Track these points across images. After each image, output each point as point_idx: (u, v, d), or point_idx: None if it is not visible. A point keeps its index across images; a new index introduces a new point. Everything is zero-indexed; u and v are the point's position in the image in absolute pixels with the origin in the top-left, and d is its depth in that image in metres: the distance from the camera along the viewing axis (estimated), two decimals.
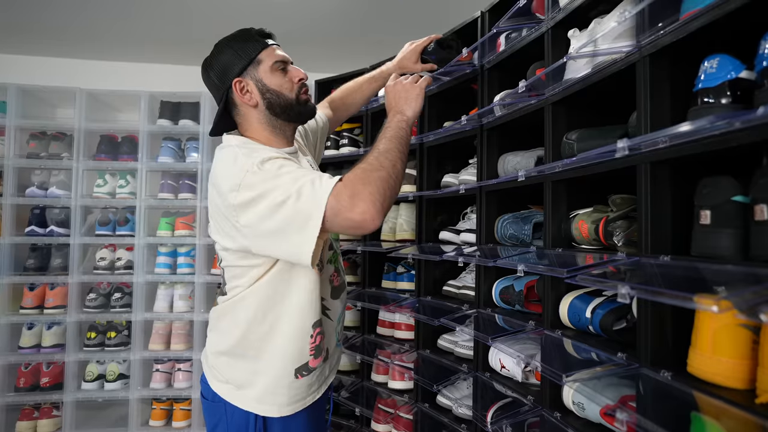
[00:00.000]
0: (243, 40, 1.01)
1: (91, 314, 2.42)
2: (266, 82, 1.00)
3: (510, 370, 1.26)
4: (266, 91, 1.01)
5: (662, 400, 0.78)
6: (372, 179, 0.83)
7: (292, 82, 1.03)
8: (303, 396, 1.03)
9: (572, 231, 1.09)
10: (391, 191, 0.85)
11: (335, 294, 1.09)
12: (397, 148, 0.91)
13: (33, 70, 2.78)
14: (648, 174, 0.83)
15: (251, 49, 1.00)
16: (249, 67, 1.00)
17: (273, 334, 0.98)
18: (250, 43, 1.01)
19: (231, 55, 1.00)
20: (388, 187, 0.84)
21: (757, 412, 0.63)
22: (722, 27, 0.71)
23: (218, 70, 1.01)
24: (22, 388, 2.33)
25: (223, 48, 1.02)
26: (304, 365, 1.00)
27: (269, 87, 1.00)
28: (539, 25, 1.16)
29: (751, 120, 0.59)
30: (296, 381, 1.01)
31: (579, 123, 1.09)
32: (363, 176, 0.84)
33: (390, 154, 0.89)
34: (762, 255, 0.66)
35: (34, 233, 2.41)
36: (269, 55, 1.01)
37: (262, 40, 1.02)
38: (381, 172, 0.85)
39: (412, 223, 1.78)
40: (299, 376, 1.01)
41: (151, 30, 2.56)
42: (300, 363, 1.00)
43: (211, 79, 1.03)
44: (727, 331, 0.71)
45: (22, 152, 2.45)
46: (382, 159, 0.87)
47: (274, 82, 1.00)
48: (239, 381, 1.00)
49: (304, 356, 1.00)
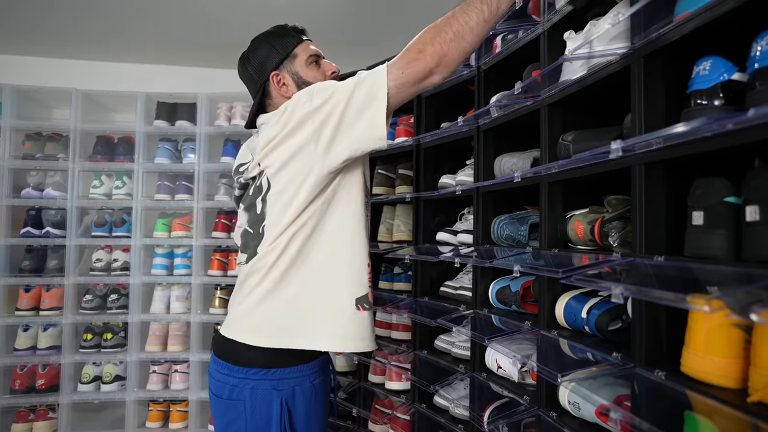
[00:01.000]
0: (279, 35, 1.09)
1: (88, 316, 2.41)
2: (302, 74, 1.07)
3: (506, 370, 1.27)
4: (302, 83, 1.07)
5: (656, 399, 0.78)
6: (434, 27, 0.90)
7: (325, 75, 1.09)
8: (363, 335, 1.02)
9: (568, 232, 1.09)
10: (455, 36, 0.89)
11: None
12: (480, 1, 0.91)
13: (28, 70, 2.77)
14: (642, 175, 0.83)
15: (287, 43, 1.08)
16: (285, 61, 1.07)
17: (332, 261, 1.00)
18: (287, 38, 1.08)
19: (268, 50, 1.08)
20: (452, 32, 0.89)
21: (749, 411, 0.63)
22: (715, 29, 0.72)
23: (256, 64, 1.08)
24: (17, 390, 2.32)
25: (260, 43, 1.09)
26: (364, 296, 1.01)
27: (305, 79, 1.07)
28: (535, 27, 1.16)
29: (743, 121, 0.60)
30: (358, 314, 1.00)
31: (575, 124, 1.09)
32: (425, 30, 0.91)
33: (469, 5, 0.91)
34: (753, 256, 0.67)
35: (30, 234, 2.40)
36: (304, 50, 1.08)
37: (297, 35, 1.09)
38: (450, 19, 0.90)
39: (409, 224, 1.78)
40: (360, 308, 1.01)
41: (147, 31, 2.55)
42: (360, 293, 1.01)
43: (248, 72, 1.10)
44: (719, 331, 0.71)
45: (18, 153, 2.44)
46: (458, 10, 0.91)
47: (309, 75, 1.07)
48: (295, 325, 0.98)
49: (364, 286, 1.01)
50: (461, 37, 0.91)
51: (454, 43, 0.90)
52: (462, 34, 0.91)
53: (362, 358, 1.89)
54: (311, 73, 1.07)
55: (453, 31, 0.90)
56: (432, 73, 0.92)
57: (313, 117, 0.93)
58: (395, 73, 0.91)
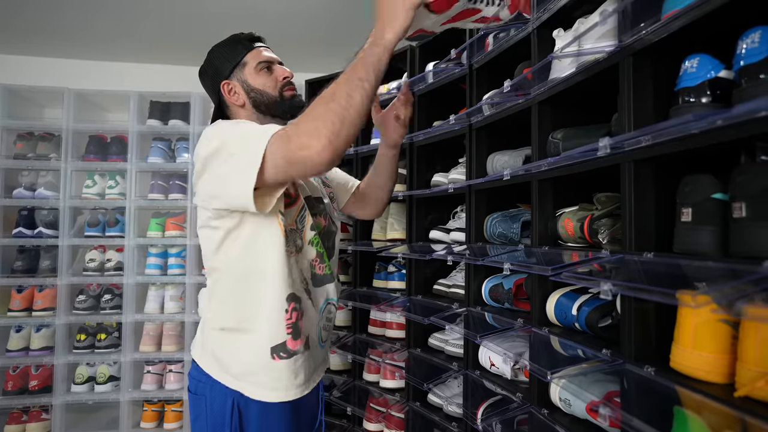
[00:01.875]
0: (230, 44, 1.09)
1: (81, 316, 2.40)
2: (250, 82, 1.07)
3: (499, 367, 1.27)
4: (251, 91, 1.07)
5: (646, 395, 0.79)
6: (318, 114, 0.79)
7: (276, 81, 1.08)
8: (285, 384, 0.98)
9: (558, 229, 1.10)
10: (342, 124, 0.78)
11: (317, 282, 1.05)
12: (359, 77, 0.80)
13: (20, 69, 2.75)
14: (631, 172, 0.84)
15: (237, 52, 1.07)
16: (235, 69, 1.07)
17: (248, 305, 0.97)
18: (237, 47, 1.08)
19: (219, 60, 1.08)
20: (338, 119, 0.78)
21: (736, 406, 0.64)
22: (702, 27, 0.73)
23: (210, 74, 1.09)
24: (10, 392, 2.31)
25: (213, 53, 1.10)
26: (281, 345, 0.96)
27: (253, 86, 1.07)
28: (525, 25, 1.17)
29: (730, 118, 0.61)
30: (274, 363, 0.96)
31: (565, 122, 1.10)
32: (309, 112, 0.80)
33: (348, 84, 0.80)
34: (740, 251, 0.67)
35: (22, 235, 2.38)
36: (254, 57, 1.07)
37: (248, 43, 1.08)
38: (332, 104, 0.78)
39: (402, 223, 1.79)
40: (276, 356, 0.96)
41: (140, 30, 2.54)
42: (276, 341, 0.96)
43: (207, 83, 1.11)
44: (707, 327, 0.72)
45: (9, 153, 2.43)
46: (338, 89, 0.80)
47: (258, 82, 1.07)
48: (224, 359, 0.99)
49: (281, 333, 0.96)
50: (350, 125, 0.80)
51: (342, 135, 0.80)
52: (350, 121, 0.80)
53: (357, 357, 1.89)
54: (260, 80, 1.06)
55: (339, 120, 0.79)
56: (313, 169, 0.83)
57: (204, 162, 0.91)
58: (275, 155, 0.81)
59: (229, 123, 0.99)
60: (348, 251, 2.01)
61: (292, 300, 0.97)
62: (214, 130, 0.93)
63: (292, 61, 3.27)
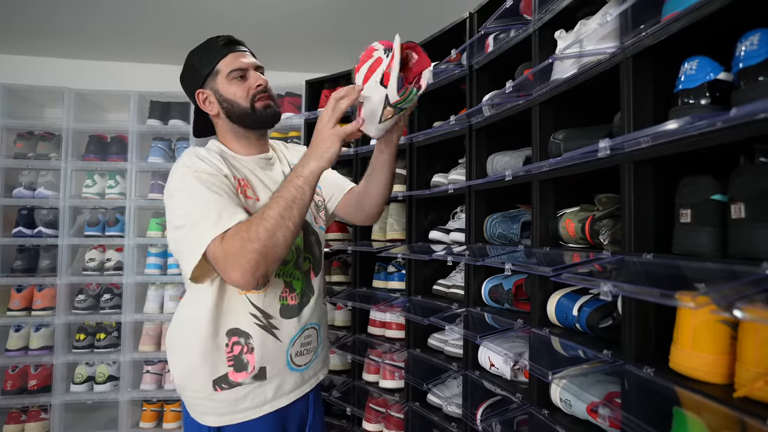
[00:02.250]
0: (204, 50, 1.03)
1: (80, 316, 2.40)
2: (222, 91, 1.02)
3: (499, 368, 1.27)
4: (223, 101, 1.02)
5: (646, 395, 0.79)
6: (246, 251, 0.82)
7: (248, 90, 1.02)
8: (226, 410, 0.98)
9: (559, 230, 1.10)
10: (265, 259, 0.83)
11: (287, 313, 1.02)
12: (281, 215, 0.84)
13: (20, 69, 2.75)
14: (631, 173, 0.84)
15: (211, 59, 1.02)
16: (209, 78, 1.02)
17: (192, 336, 0.98)
18: (210, 54, 1.02)
19: (193, 68, 1.03)
20: (260, 256, 0.82)
21: (735, 406, 0.64)
22: (701, 29, 0.73)
23: (187, 82, 1.05)
24: (9, 391, 2.30)
25: (188, 59, 1.05)
26: (222, 377, 0.97)
27: (225, 96, 1.02)
28: (527, 26, 1.17)
29: (729, 120, 0.61)
30: (216, 393, 0.97)
31: (566, 123, 1.10)
32: (240, 246, 0.83)
33: (272, 221, 0.84)
34: (739, 252, 0.68)
35: (22, 234, 2.38)
36: (227, 65, 1.01)
37: (222, 49, 1.02)
38: (256, 244, 0.82)
39: (402, 223, 1.79)
40: (218, 388, 0.97)
41: (140, 30, 2.54)
42: (217, 374, 0.97)
43: (186, 89, 1.07)
44: (706, 328, 0.72)
45: (9, 152, 2.42)
46: (261, 230, 0.83)
47: (229, 92, 1.01)
48: (180, 380, 1.01)
49: (222, 366, 0.97)
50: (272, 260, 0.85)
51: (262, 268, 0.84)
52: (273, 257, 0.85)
53: (356, 357, 1.89)
54: (232, 89, 1.01)
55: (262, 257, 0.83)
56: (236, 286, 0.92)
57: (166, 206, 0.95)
58: (211, 254, 0.85)
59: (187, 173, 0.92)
60: (348, 251, 2.01)
61: (233, 335, 0.98)
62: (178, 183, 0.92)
63: (293, 61, 3.26)
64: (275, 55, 2.85)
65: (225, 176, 0.95)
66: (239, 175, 1.01)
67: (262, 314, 1.00)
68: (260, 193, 1.02)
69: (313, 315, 1.09)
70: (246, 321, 0.99)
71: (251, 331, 0.99)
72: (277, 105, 1.06)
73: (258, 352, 0.99)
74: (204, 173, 0.92)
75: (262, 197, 1.01)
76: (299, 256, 1.06)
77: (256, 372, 0.99)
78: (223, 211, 0.87)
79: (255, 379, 0.99)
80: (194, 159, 0.95)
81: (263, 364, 1.00)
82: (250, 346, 0.99)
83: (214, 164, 0.96)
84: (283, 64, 2.96)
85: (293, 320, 1.04)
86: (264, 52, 1.15)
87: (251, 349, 0.99)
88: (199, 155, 0.97)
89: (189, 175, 0.92)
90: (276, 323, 1.01)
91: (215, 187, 0.90)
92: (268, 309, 1.00)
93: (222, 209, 0.87)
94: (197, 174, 0.92)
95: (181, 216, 0.90)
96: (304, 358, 1.07)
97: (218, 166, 0.96)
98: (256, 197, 1.01)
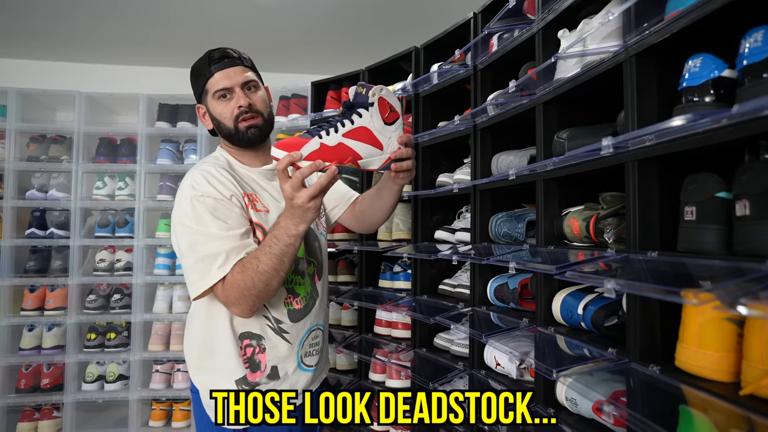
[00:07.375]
0: (198, 68, 1.06)
1: (91, 315, 2.43)
2: (212, 110, 1.06)
3: (505, 367, 1.27)
4: (213, 119, 1.07)
5: (651, 394, 0.79)
6: (245, 297, 0.92)
7: (232, 111, 1.03)
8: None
9: (564, 229, 1.10)
10: (260, 301, 0.95)
11: (294, 316, 1.06)
12: (275, 269, 0.91)
13: (33, 74, 2.81)
14: (635, 171, 0.84)
15: (202, 78, 1.05)
16: (203, 95, 1.07)
17: (212, 341, 1.03)
18: (202, 72, 1.04)
19: (193, 83, 1.08)
20: (258, 300, 0.94)
21: (741, 404, 0.64)
22: (705, 27, 0.73)
23: (193, 93, 1.10)
24: (22, 390, 2.35)
25: (190, 73, 1.08)
26: (242, 378, 1.02)
27: (215, 116, 1.06)
28: (530, 25, 1.17)
29: (733, 117, 0.61)
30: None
31: (570, 122, 1.10)
32: (239, 294, 0.92)
33: (268, 275, 0.91)
34: (744, 249, 0.67)
35: (35, 235, 2.42)
36: (213, 85, 1.03)
37: (210, 68, 1.03)
38: (253, 291, 0.92)
39: (408, 223, 1.79)
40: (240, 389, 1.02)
41: (149, 33, 2.58)
42: (238, 375, 1.01)
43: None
44: (712, 325, 0.72)
45: (23, 155, 2.47)
46: (258, 282, 0.91)
47: (217, 111, 1.05)
48: (201, 386, 1.04)
49: (240, 368, 1.01)
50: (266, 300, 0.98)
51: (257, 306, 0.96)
52: (267, 298, 0.97)
53: (362, 357, 1.90)
54: (218, 108, 1.04)
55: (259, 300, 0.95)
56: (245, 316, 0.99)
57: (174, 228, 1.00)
58: (218, 292, 0.95)
59: (194, 195, 0.96)
60: (354, 251, 2.02)
61: (245, 338, 1.02)
62: (186, 205, 0.96)
63: (299, 63, 3.29)
64: (282, 57, 2.88)
65: (232, 196, 0.98)
66: (248, 190, 1.04)
67: (273, 319, 1.04)
68: (269, 204, 1.06)
69: (319, 316, 1.13)
70: (258, 325, 1.03)
71: (263, 333, 1.03)
72: (268, 118, 1.08)
73: (269, 353, 1.03)
74: (210, 198, 0.96)
75: (271, 209, 1.05)
76: (298, 263, 1.09)
77: (269, 371, 1.03)
78: (231, 253, 0.93)
79: (269, 379, 1.03)
80: (201, 180, 0.98)
81: (274, 363, 1.04)
82: (262, 346, 1.03)
83: (222, 183, 0.98)
84: (290, 67, 2.99)
85: (300, 323, 1.08)
86: (271, 55, 1.16)
87: (263, 349, 1.03)
88: (206, 175, 0.99)
89: (196, 200, 0.96)
90: (286, 327, 1.05)
91: (222, 215, 0.95)
92: (276, 314, 1.05)
93: (229, 250, 0.93)
94: (203, 199, 0.95)
95: (189, 246, 0.95)
96: (313, 359, 1.11)
97: (226, 186, 0.98)
98: (266, 209, 1.04)
